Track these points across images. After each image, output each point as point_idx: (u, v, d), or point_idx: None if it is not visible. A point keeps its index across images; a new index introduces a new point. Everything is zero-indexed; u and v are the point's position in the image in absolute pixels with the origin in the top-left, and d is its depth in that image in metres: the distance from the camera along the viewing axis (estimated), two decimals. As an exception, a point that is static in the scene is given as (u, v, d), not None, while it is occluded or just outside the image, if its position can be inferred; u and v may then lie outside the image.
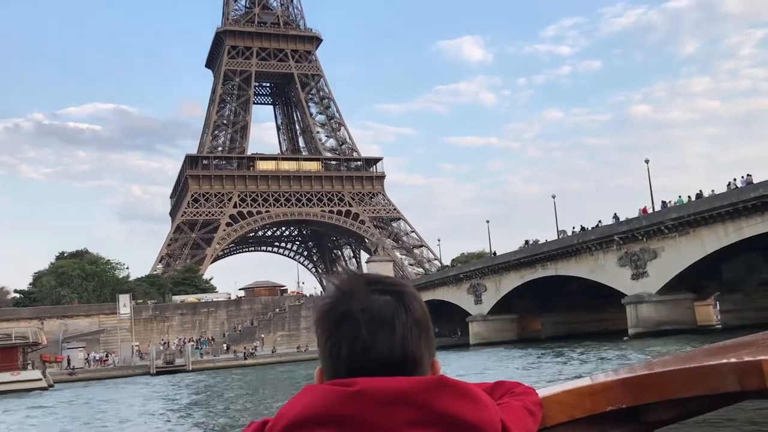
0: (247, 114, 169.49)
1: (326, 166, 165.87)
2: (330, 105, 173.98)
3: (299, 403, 1.22)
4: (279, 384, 41.53)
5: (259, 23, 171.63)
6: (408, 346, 1.26)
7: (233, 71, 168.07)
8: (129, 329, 71.14)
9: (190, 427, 22.65)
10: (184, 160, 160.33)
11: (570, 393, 1.77)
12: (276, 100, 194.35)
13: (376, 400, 1.18)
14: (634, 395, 1.85)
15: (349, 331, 1.25)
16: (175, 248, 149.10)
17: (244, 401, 31.43)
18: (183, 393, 39.13)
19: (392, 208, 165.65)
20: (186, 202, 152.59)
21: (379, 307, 1.27)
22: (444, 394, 1.21)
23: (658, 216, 53.69)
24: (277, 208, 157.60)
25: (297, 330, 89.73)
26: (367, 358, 1.24)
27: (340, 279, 1.34)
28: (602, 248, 58.45)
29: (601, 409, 1.80)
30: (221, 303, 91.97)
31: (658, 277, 53.72)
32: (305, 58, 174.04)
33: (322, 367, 1.33)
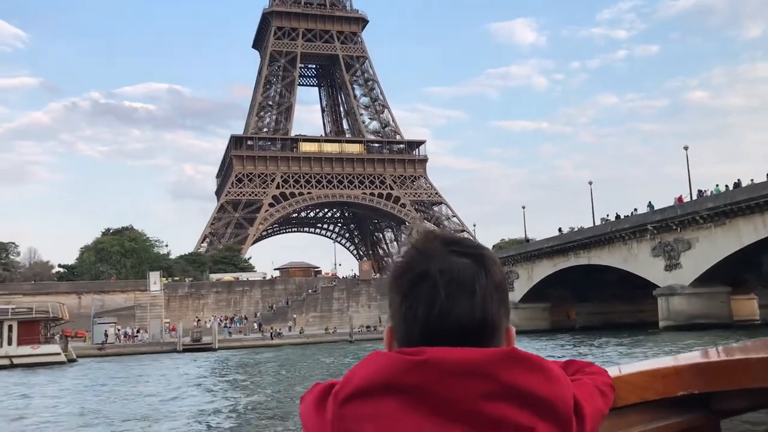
0: (291, 95, 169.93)
1: (368, 148, 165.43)
2: (374, 87, 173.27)
3: (365, 369, 1.20)
4: (297, 366, 41.49)
5: (305, 4, 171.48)
6: (488, 311, 1.22)
7: (279, 52, 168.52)
8: (159, 306, 71.98)
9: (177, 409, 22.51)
10: (229, 141, 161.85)
11: (642, 375, 1.73)
12: (321, 82, 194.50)
13: (443, 370, 1.16)
14: (709, 381, 1.80)
15: (427, 292, 1.21)
16: (218, 227, 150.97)
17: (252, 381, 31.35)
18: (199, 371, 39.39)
19: (434, 192, 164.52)
20: (230, 182, 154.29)
21: (459, 269, 1.22)
22: (515, 367, 1.17)
23: (693, 205, 51.71)
24: (318, 190, 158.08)
25: (329, 311, 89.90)
26: (445, 321, 1.20)
27: (417, 238, 1.30)
28: (636, 237, 56.67)
29: (673, 393, 1.76)
30: (256, 282, 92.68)
31: (692, 268, 51.82)
32: (350, 39, 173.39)
33: (392, 327, 1.30)
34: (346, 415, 1.18)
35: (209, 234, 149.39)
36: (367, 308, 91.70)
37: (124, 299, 79.97)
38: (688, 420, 1.80)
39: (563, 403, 1.20)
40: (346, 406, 1.19)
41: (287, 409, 19.96)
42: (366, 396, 1.17)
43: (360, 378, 1.19)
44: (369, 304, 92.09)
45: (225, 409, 21.45)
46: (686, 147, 58.37)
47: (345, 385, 1.21)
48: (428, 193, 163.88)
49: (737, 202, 47.35)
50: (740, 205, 47.15)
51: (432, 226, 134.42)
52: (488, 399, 1.15)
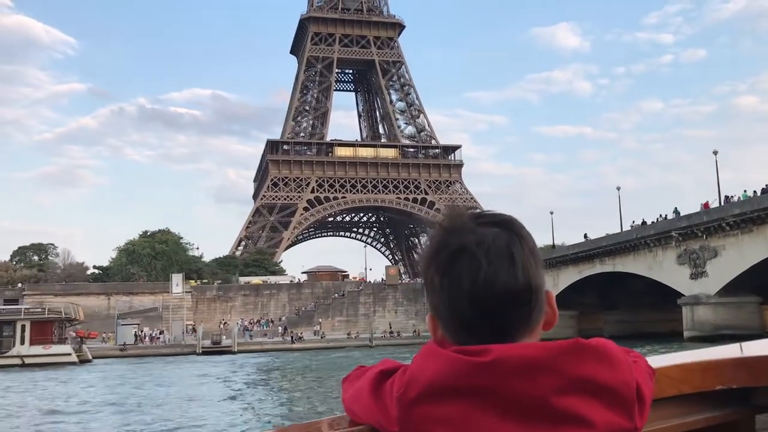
0: (327, 101, 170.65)
1: (404, 153, 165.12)
2: (410, 92, 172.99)
3: (429, 369, 1.19)
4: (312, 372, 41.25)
5: (342, 10, 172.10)
6: (529, 274, 1.23)
7: (316, 58, 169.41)
8: (181, 308, 72.52)
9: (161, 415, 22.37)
10: (265, 145, 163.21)
11: (680, 368, 1.71)
12: (358, 87, 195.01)
13: (511, 369, 1.15)
14: (748, 376, 1.79)
15: (468, 264, 1.21)
16: (253, 230, 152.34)
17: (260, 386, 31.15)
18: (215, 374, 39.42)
19: (469, 197, 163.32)
20: (266, 185, 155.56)
21: (493, 238, 1.23)
22: (580, 358, 1.17)
23: (719, 212, 49.94)
24: (353, 195, 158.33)
25: (355, 316, 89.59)
26: (493, 287, 1.20)
27: (444, 219, 1.31)
28: (661, 244, 55.05)
29: (711, 387, 1.75)
30: (283, 286, 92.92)
31: (718, 277, 50.04)
32: (387, 44, 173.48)
33: (433, 313, 1.30)
34: (415, 417, 1.17)
35: (244, 237, 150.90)
36: (393, 313, 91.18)
37: (152, 301, 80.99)
38: (725, 414, 1.78)
39: (628, 388, 1.20)
40: (415, 408, 1.17)
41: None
42: (434, 398, 1.16)
43: (426, 380, 1.18)
44: (396, 309, 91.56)
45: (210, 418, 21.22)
46: (715, 152, 56.56)
47: (410, 386, 1.19)
48: (463, 199, 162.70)
49: (764, 209, 45.57)
50: (765, 212, 45.36)
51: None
52: (557, 394, 1.15)
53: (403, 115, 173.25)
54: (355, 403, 1.33)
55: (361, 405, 1.30)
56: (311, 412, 20.64)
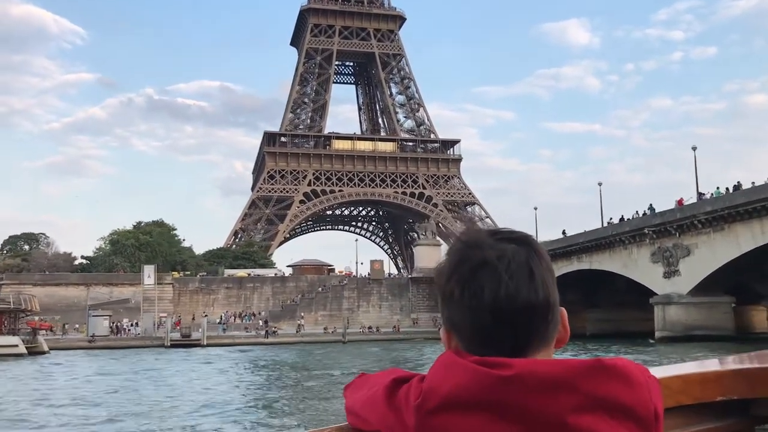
0: (326, 93, 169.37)
1: (402, 147, 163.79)
2: (410, 85, 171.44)
3: (449, 380, 1.20)
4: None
5: (343, 1, 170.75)
6: (548, 290, 1.26)
7: (315, 50, 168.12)
8: (161, 299, 71.73)
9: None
10: (263, 137, 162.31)
11: (680, 379, 1.70)
12: (358, 80, 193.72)
13: (533, 386, 1.16)
14: (749, 387, 1.78)
15: (490, 277, 1.24)
16: (249, 223, 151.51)
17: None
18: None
19: (467, 192, 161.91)
20: (262, 177, 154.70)
21: (513, 253, 1.26)
22: (600, 377, 1.18)
23: (691, 209, 48.56)
24: (350, 188, 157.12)
25: (339, 310, 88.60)
26: (515, 301, 1.22)
27: (463, 235, 1.33)
28: (635, 242, 53.70)
29: (711, 398, 1.73)
30: (267, 279, 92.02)
31: (690, 276, 48.72)
32: (387, 37, 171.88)
33: (448, 326, 1.31)
34: (432, 427, 1.18)
35: (240, 230, 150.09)
36: (377, 308, 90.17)
37: (132, 292, 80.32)
38: (725, 426, 1.77)
39: (645, 407, 1.21)
40: (433, 418, 1.18)
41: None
42: (452, 409, 1.17)
43: (446, 391, 1.18)
44: (380, 304, 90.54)
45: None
46: (694, 147, 55.06)
47: (429, 395, 1.19)
48: (461, 194, 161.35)
49: (735, 206, 44.15)
50: (738, 209, 43.93)
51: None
52: (576, 412, 1.15)
53: (402, 108, 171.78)
54: (367, 410, 1.32)
55: (375, 412, 1.30)
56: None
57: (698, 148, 50.70)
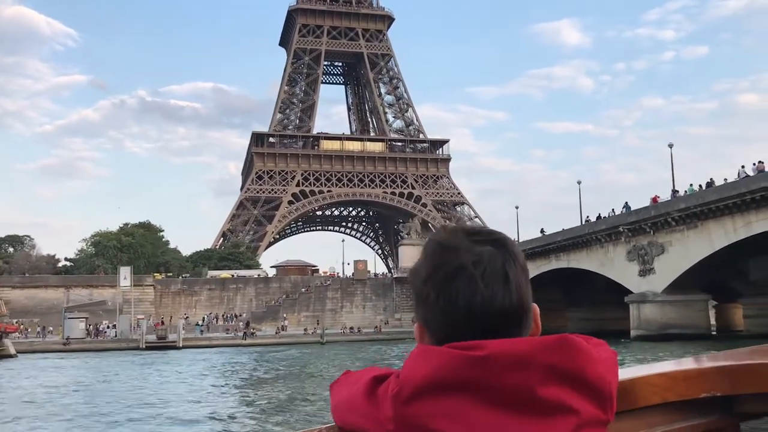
0: (315, 93, 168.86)
1: (391, 147, 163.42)
2: (399, 86, 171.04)
3: (422, 367, 1.22)
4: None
5: (331, 1, 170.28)
6: (522, 293, 1.28)
7: (303, 50, 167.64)
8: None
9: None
10: (251, 137, 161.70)
11: (664, 376, 1.72)
12: (347, 80, 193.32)
13: (505, 363, 1.20)
14: (732, 384, 1.79)
15: (465, 284, 1.25)
16: (237, 224, 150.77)
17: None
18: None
19: (456, 192, 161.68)
20: (251, 178, 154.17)
21: (488, 257, 1.27)
22: (566, 352, 1.23)
23: (665, 206, 48.25)
24: (339, 188, 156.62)
25: (322, 311, 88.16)
26: (489, 308, 1.25)
27: (439, 235, 1.34)
28: (611, 240, 53.36)
29: (695, 395, 1.75)
30: (250, 280, 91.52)
31: (665, 274, 48.40)
32: (376, 37, 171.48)
33: (422, 323, 1.34)
34: (411, 414, 1.20)
35: (228, 231, 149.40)
36: (361, 308, 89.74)
37: (112, 294, 79.65)
38: (709, 422, 1.78)
39: (604, 383, 1.27)
40: (410, 406, 1.20)
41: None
42: (428, 394, 1.19)
43: (420, 376, 1.21)
44: (364, 304, 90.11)
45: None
46: (671, 144, 54.75)
47: (405, 384, 1.22)
48: (450, 193, 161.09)
49: (707, 203, 43.84)
50: (710, 206, 43.63)
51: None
52: (544, 384, 1.20)
53: (391, 108, 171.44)
54: (348, 409, 1.34)
55: (356, 410, 1.31)
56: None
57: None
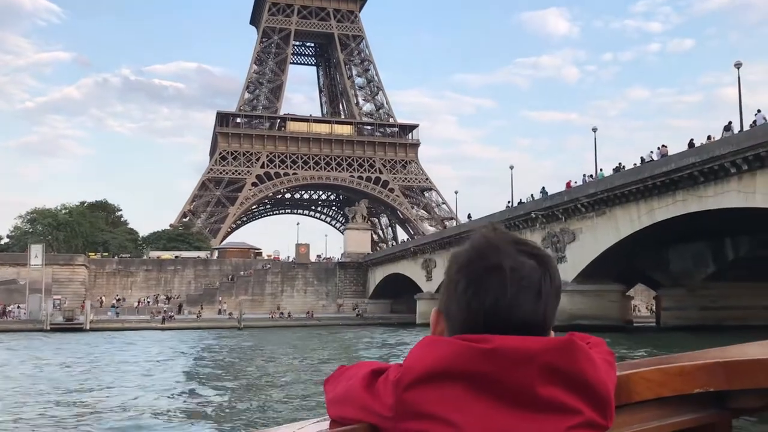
0: (283, 73, 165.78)
1: (359, 130, 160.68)
2: (369, 68, 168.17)
3: (428, 355, 1.23)
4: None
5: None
6: (548, 313, 1.29)
7: (272, 29, 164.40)
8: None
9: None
10: (215, 117, 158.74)
11: (659, 371, 1.72)
12: (319, 62, 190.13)
13: (509, 358, 1.20)
14: (727, 379, 1.79)
15: (497, 284, 1.26)
16: (198, 205, 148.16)
17: None
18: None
19: (424, 178, 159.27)
20: (214, 159, 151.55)
21: (528, 269, 1.27)
22: (573, 356, 1.24)
23: (577, 192, 46.07)
24: (305, 171, 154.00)
25: (261, 295, 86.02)
26: (512, 315, 1.25)
27: (489, 233, 1.34)
28: (528, 227, 51.22)
29: (689, 390, 1.75)
30: (189, 261, 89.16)
31: (575, 263, 46.34)
32: (347, 18, 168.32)
33: (443, 311, 1.34)
34: (410, 401, 1.20)
35: (188, 211, 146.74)
36: (303, 293, 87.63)
37: (40, 274, 77.11)
38: (702, 417, 1.79)
39: (605, 388, 1.27)
40: (410, 392, 1.20)
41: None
42: (430, 382, 1.20)
43: (424, 364, 1.21)
44: (305, 288, 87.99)
45: None
46: (595, 128, 52.52)
47: (408, 371, 1.22)
48: (418, 179, 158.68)
49: (612, 189, 41.72)
50: (615, 192, 41.51)
51: (423, 213, 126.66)
52: (545, 384, 1.21)
53: (362, 91, 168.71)
54: (345, 402, 1.34)
55: (354, 402, 1.31)
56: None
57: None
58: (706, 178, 35.37)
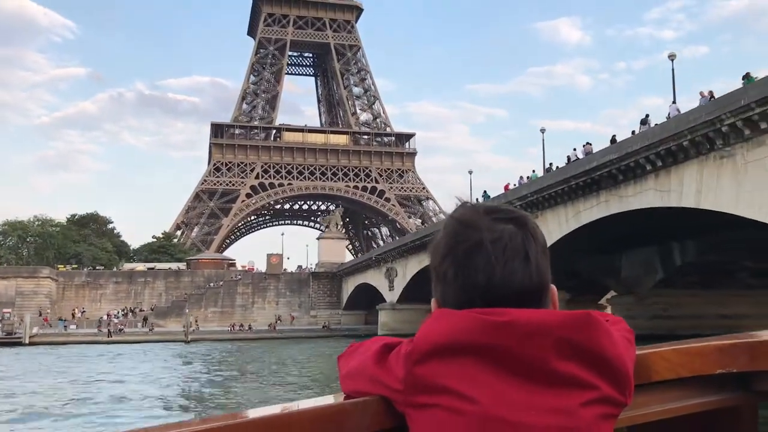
0: (279, 84, 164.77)
1: (356, 140, 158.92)
2: (366, 77, 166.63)
3: (440, 328, 1.21)
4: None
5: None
6: (542, 273, 1.26)
7: (268, 39, 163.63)
8: (37, 294, 66.50)
9: None
10: (210, 128, 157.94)
11: (678, 351, 1.66)
12: (317, 72, 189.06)
13: (524, 331, 1.18)
14: (751, 360, 1.72)
15: (484, 261, 1.23)
16: (192, 216, 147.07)
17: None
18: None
19: (421, 187, 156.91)
20: (208, 170, 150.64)
21: (508, 236, 1.25)
22: (590, 330, 1.21)
23: (511, 194, 43.46)
24: (300, 181, 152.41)
25: (231, 307, 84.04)
26: (508, 286, 1.23)
27: (458, 212, 1.31)
28: (472, 232, 48.60)
29: (711, 371, 1.69)
30: (160, 273, 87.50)
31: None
32: (344, 28, 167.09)
33: (439, 300, 1.30)
34: (422, 374, 1.19)
35: (181, 223, 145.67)
36: (274, 305, 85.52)
37: (4, 286, 76.02)
38: (725, 399, 1.73)
39: (623, 364, 1.24)
40: (422, 365, 1.19)
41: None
42: (442, 355, 1.18)
43: (436, 336, 1.20)
44: (277, 300, 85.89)
45: None
46: (543, 129, 49.95)
47: (419, 344, 1.20)
48: (415, 188, 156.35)
49: (541, 191, 39.17)
50: (543, 194, 38.97)
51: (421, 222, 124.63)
52: (560, 359, 1.19)
53: (358, 101, 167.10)
54: (358, 376, 1.33)
55: (366, 375, 1.30)
56: None
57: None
58: (625, 177, 32.77)
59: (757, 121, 24.95)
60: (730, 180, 27.12)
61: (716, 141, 27.09)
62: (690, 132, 27.77)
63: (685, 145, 28.41)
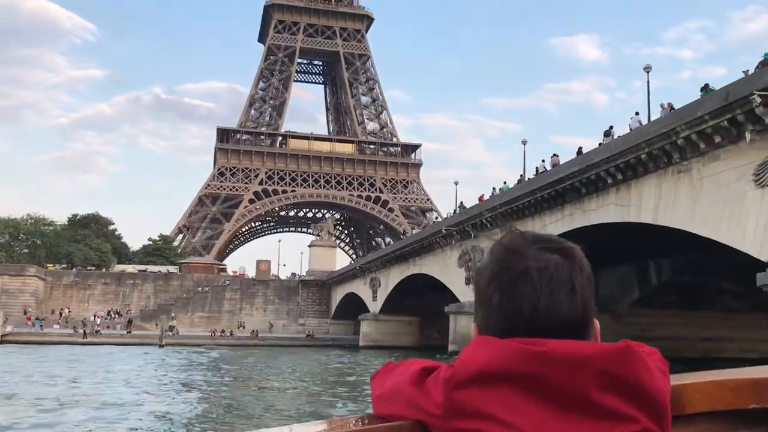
0: (287, 91, 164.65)
1: (361, 149, 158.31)
2: (374, 87, 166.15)
3: (481, 355, 1.21)
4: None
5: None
6: (587, 305, 1.27)
7: (277, 46, 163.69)
8: (23, 292, 66.13)
9: None
10: (216, 133, 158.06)
11: (712, 384, 1.64)
12: (326, 80, 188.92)
13: (563, 361, 1.18)
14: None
15: (529, 290, 1.23)
16: (194, 220, 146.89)
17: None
18: None
19: (425, 198, 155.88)
20: (212, 175, 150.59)
21: (555, 266, 1.25)
22: (628, 362, 1.21)
23: (484, 206, 42.41)
24: (304, 189, 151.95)
25: (218, 312, 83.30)
26: (553, 316, 1.23)
27: (506, 239, 1.32)
28: (448, 243, 47.60)
29: (745, 405, 1.66)
30: (149, 276, 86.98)
31: (483, 283, 42.37)
32: (353, 36, 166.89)
33: (481, 325, 1.31)
34: (461, 400, 1.18)
35: (183, 227, 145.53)
36: (262, 311, 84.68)
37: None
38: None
39: (662, 397, 1.24)
40: (461, 391, 1.19)
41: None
42: (482, 382, 1.18)
43: (476, 363, 1.19)
44: (265, 307, 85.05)
45: None
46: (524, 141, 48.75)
47: (459, 369, 1.20)
48: (419, 199, 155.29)
49: (510, 202, 38.03)
50: (512, 206, 37.81)
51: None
52: (600, 390, 1.18)
53: (366, 110, 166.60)
54: (393, 398, 1.31)
55: (402, 399, 1.28)
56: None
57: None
58: (587, 190, 31.62)
59: (710, 135, 23.77)
60: (686, 195, 25.94)
61: (673, 155, 25.93)
62: (647, 144, 26.62)
63: (644, 159, 27.27)
